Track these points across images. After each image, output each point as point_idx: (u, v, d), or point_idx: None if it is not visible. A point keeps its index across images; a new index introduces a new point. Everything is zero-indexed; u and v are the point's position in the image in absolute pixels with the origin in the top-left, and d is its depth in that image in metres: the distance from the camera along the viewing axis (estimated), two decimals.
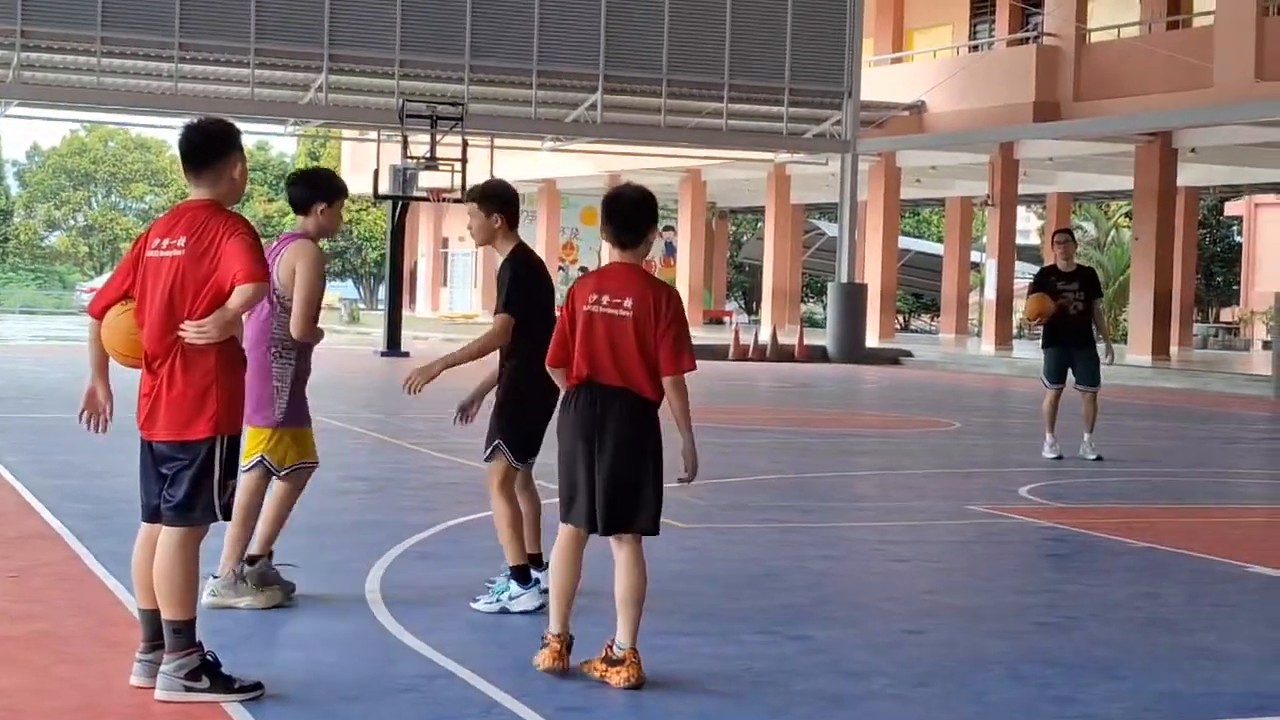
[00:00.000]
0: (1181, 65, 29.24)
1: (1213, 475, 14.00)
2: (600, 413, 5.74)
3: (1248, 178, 35.94)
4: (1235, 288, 50.48)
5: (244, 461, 6.53)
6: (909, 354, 33.15)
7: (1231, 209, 50.67)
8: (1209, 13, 30.82)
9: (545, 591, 6.57)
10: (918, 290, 52.30)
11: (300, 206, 6.98)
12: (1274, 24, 28.06)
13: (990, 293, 35.09)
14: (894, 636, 6.76)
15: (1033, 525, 10.18)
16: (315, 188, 7.01)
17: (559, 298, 6.35)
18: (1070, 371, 14.18)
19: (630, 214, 5.87)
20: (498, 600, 6.89)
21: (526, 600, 6.87)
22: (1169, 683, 6.02)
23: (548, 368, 5.93)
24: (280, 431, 6.86)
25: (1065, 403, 14.30)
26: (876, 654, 6.40)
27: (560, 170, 44.40)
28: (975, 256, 42.64)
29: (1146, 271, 31.29)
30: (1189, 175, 33.57)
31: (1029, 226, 57.43)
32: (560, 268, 49.34)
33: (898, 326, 44.55)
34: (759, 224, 52.13)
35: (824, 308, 37.60)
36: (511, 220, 7.04)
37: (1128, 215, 42.99)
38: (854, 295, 32.85)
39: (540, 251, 47.47)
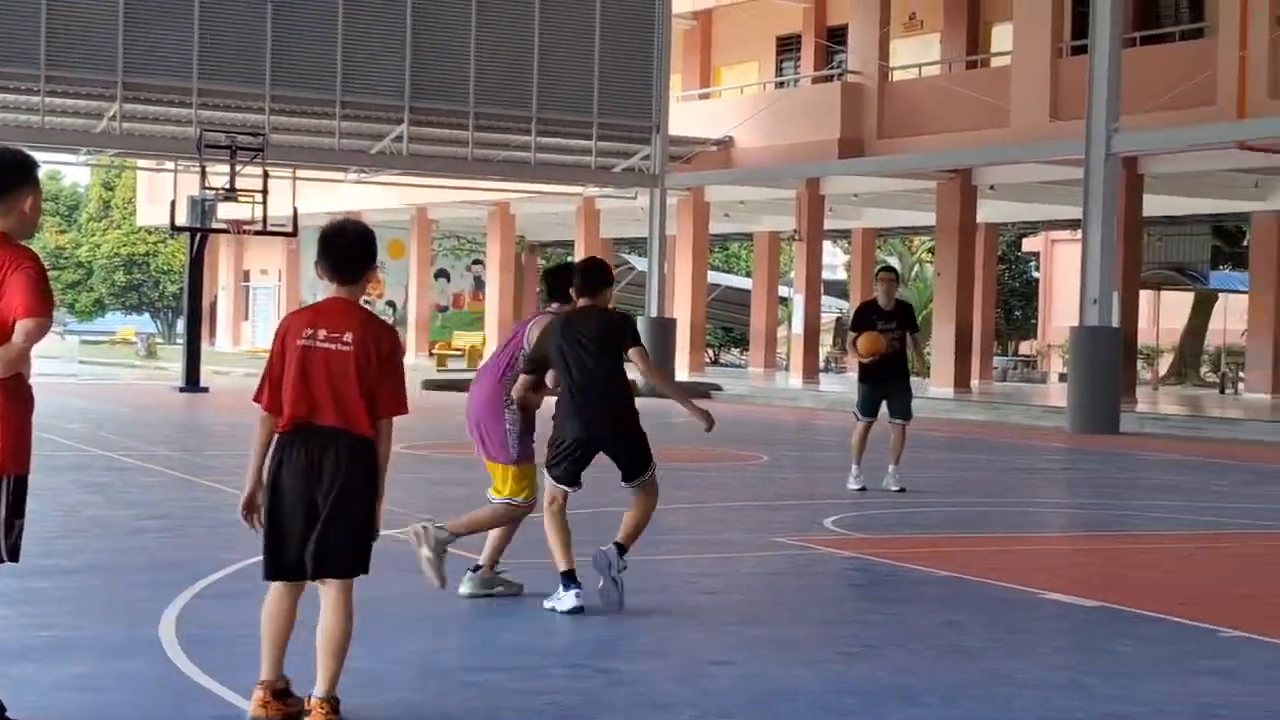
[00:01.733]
0: (980, 104, 29.95)
1: (1012, 505, 14.28)
2: (319, 456, 5.42)
3: (1044, 214, 36.89)
4: (1033, 321, 51.79)
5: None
6: (718, 387, 33.37)
7: (1029, 245, 52.01)
8: (1006, 54, 31.62)
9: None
10: (727, 324, 52.78)
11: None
12: (1068, 65, 28.87)
13: (798, 326, 35.53)
14: (701, 668, 6.75)
15: (838, 556, 10.27)
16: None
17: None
18: (885, 404, 14.39)
19: (351, 249, 5.60)
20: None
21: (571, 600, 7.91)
22: (968, 709, 6.09)
23: (263, 412, 5.54)
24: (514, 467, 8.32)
25: (873, 435, 14.49)
26: (684, 685, 6.38)
27: (365, 202, 44.02)
28: (783, 290, 43.15)
29: (948, 305, 31.93)
30: (988, 212, 34.37)
31: (835, 261, 58.32)
32: (366, 302, 48.87)
33: (707, 360, 44.88)
34: (569, 258, 52.20)
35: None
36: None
37: (930, 250, 43.89)
38: (664, 329, 33.01)
39: None
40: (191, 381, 29.29)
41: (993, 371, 39.60)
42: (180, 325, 49.55)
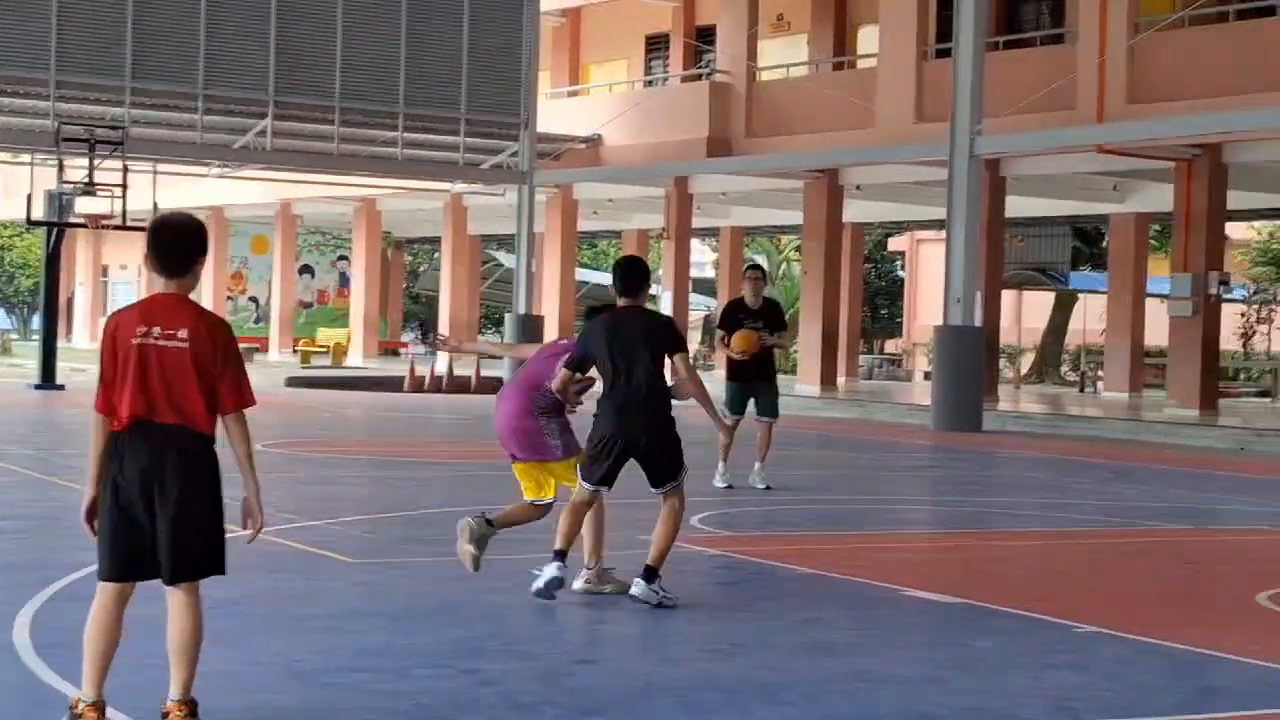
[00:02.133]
0: (847, 105, 30.21)
1: (876, 503, 14.43)
2: (159, 456, 5.29)
3: (909, 214, 37.30)
4: (899, 320, 52.37)
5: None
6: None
7: (895, 244, 52.58)
8: (873, 56, 31.92)
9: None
10: None
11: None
12: (933, 68, 29.21)
13: None
14: (565, 667, 6.74)
15: (704, 554, 10.31)
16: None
17: None
18: (752, 403, 14.44)
19: (178, 243, 5.44)
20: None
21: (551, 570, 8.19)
22: (829, 705, 6.14)
23: (96, 414, 5.40)
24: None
25: (741, 433, 14.55)
26: (548, 685, 6.36)
27: (229, 197, 43.49)
28: (651, 288, 43.27)
29: (815, 304, 32.18)
30: (855, 211, 34.68)
31: (704, 259, 58.55)
32: (229, 298, 48.30)
33: None
34: (436, 254, 51.91)
35: (502, 339, 37.63)
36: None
37: (797, 249, 44.22)
38: (532, 326, 32.93)
39: (206, 282, 46.41)
40: (47, 379, 28.73)
41: (859, 370, 39.98)
42: (36, 321, 48.59)
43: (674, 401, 8.72)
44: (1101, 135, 25.49)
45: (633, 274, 8.69)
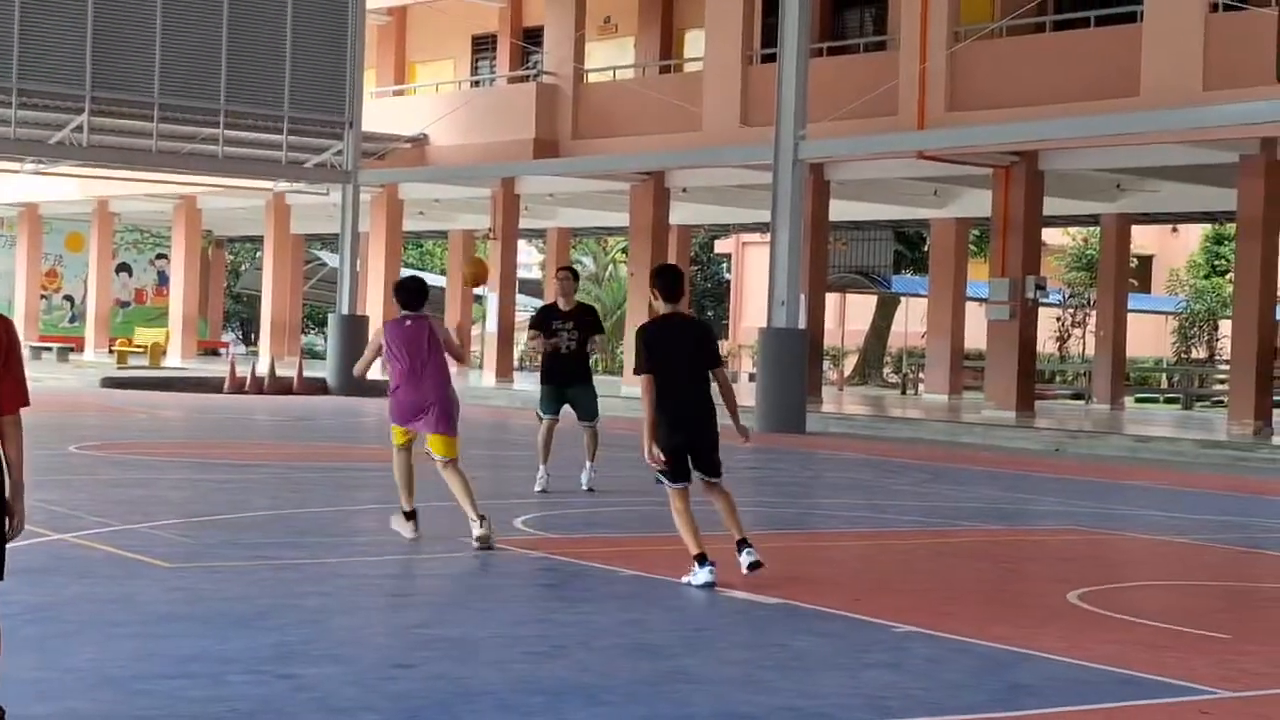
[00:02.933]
0: (674, 108, 30.37)
1: (698, 504, 14.47)
2: None
3: (735, 217, 37.60)
4: (725, 322, 52.80)
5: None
6: None
7: (721, 247, 53.03)
8: (699, 60, 32.13)
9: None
10: None
11: None
12: (758, 72, 29.48)
13: (492, 325, 35.50)
14: (385, 671, 6.67)
15: (527, 556, 10.28)
16: None
17: None
18: (572, 407, 14.42)
19: None
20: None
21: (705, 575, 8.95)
22: (649, 706, 6.15)
23: None
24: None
25: (563, 433, 14.55)
26: (366, 690, 6.29)
27: (43, 194, 42.47)
28: (477, 289, 43.09)
29: (641, 306, 32.25)
30: (681, 214, 34.88)
31: (530, 260, 58.51)
32: (43, 296, 47.17)
33: None
34: (258, 253, 51.19)
35: (325, 339, 37.23)
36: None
37: (624, 251, 44.34)
38: (355, 326, 32.63)
39: (20, 280, 45.28)
40: None
41: None
42: None
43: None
44: (922, 141, 25.93)
45: (675, 281, 9.44)
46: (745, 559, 9.28)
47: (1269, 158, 24.09)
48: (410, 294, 10.90)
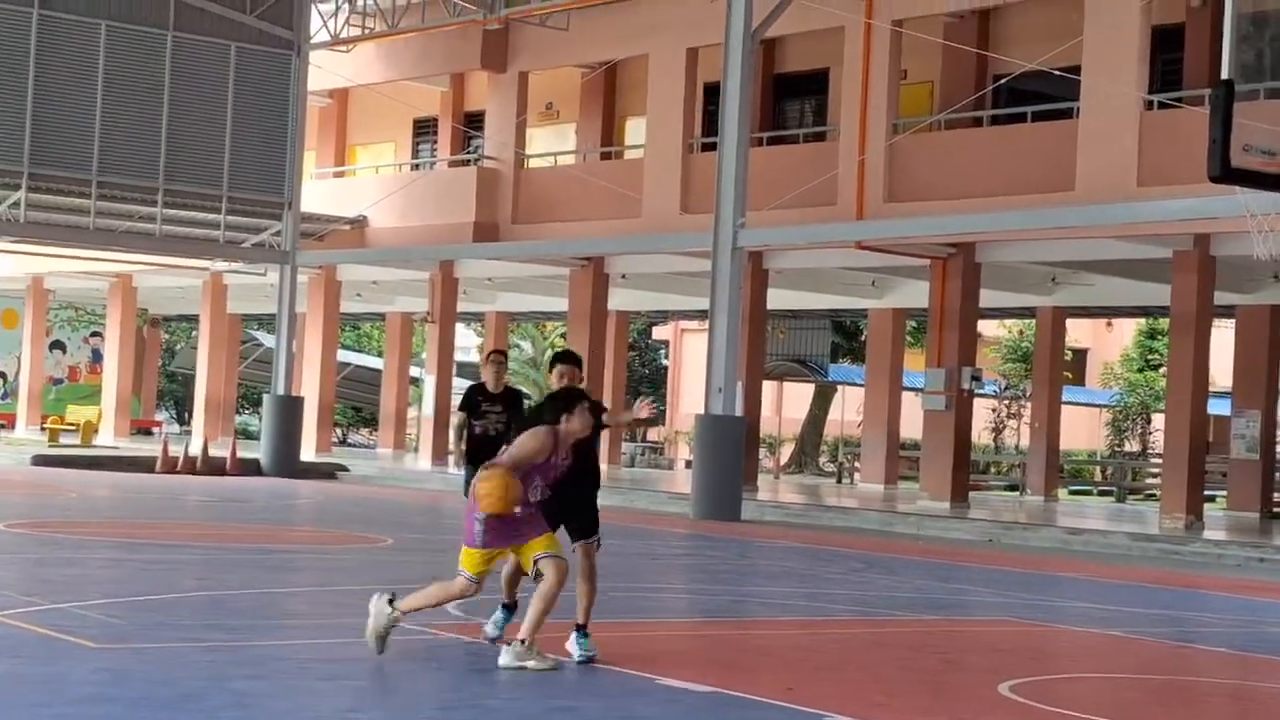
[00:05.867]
0: (614, 195, 30.49)
1: (634, 591, 14.41)
2: None
3: (673, 304, 37.68)
4: (662, 408, 52.81)
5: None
6: (345, 468, 32.93)
7: (659, 333, 53.12)
8: (640, 147, 32.31)
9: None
10: (357, 404, 52.22)
11: None
12: (698, 160, 29.66)
13: (429, 408, 35.36)
14: None
15: (460, 641, 10.18)
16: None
17: None
18: None
19: None
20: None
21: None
22: None
23: None
24: None
25: None
26: None
27: None
28: (415, 371, 42.94)
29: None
30: (620, 299, 34.93)
31: (469, 343, 58.42)
32: None
33: (336, 440, 44.27)
34: (193, 332, 50.87)
35: (260, 419, 36.97)
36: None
37: (563, 336, 44.39)
38: (290, 408, 32.43)
39: None
40: None
41: (621, 457, 40.14)
42: None
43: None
44: (861, 232, 26.11)
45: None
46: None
47: (1202, 253, 24.38)
48: None
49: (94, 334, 47.56)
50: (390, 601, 9.17)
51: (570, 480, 9.44)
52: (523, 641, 9.01)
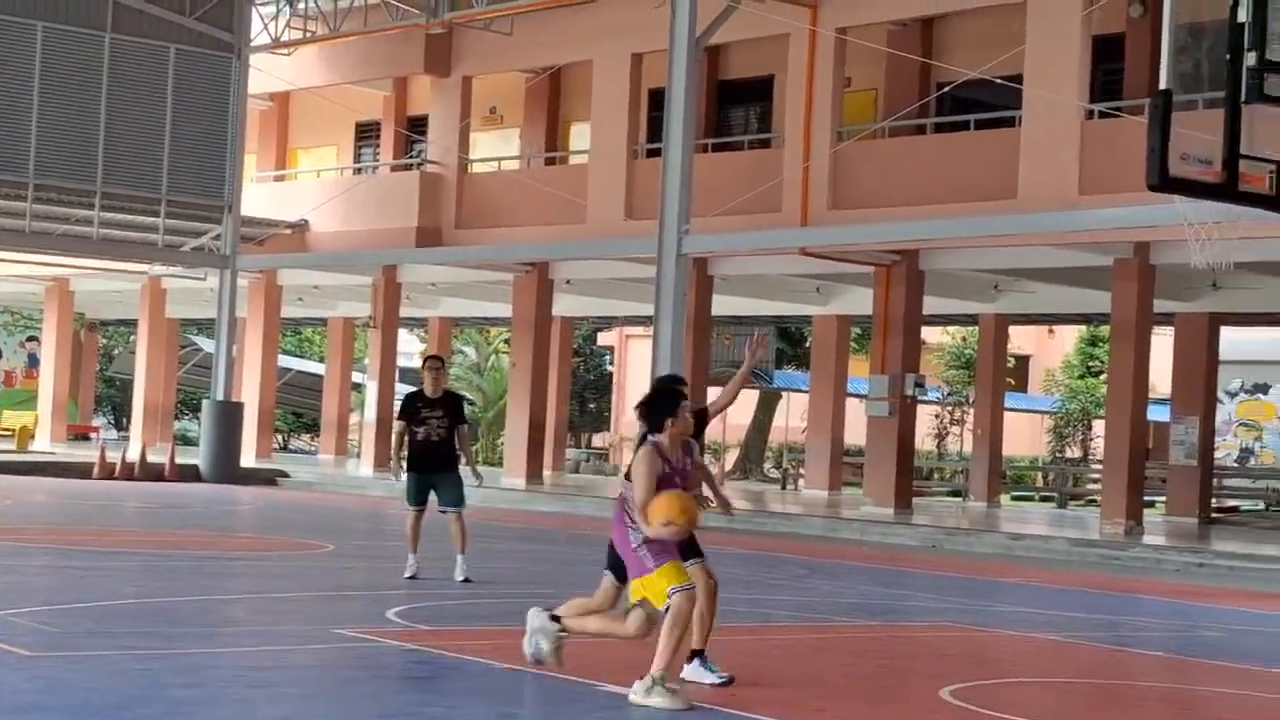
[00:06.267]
0: (558, 200, 30.41)
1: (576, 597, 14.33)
2: None
3: (618, 310, 37.63)
4: (607, 414, 52.74)
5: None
6: (286, 474, 32.72)
7: (604, 339, 53.05)
8: (584, 152, 32.25)
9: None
10: (298, 409, 51.91)
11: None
12: (643, 166, 29.62)
13: (371, 414, 35.18)
14: None
15: (399, 648, 10.09)
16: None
17: None
18: (434, 494, 14.27)
19: None
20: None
21: None
22: None
23: None
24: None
25: (432, 524, 14.37)
26: None
27: None
28: (357, 377, 42.69)
29: (522, 397, 32.17)
30: (564, 305, 34.85)
31: (412, 349, 58.19)
32: None
33: (276, 446, 43.94)
34: (131, 337, 50.44)
35: (199, 425, 36.67)
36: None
37: (506, 342, 44.29)
38: (230, 413, 32.18)
39: None
40: None
41: (565, 463, 40.05)
42: None
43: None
44: (805, 239, 26.14)
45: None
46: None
47: (1141, 261, 24.53)
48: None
49: (30, 338, 47.09)
50: (553, 618, 8.81)
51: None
52: (656, 676, 8.31)
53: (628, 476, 8.65)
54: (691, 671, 8.94)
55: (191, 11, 31.70)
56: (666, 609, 8.25)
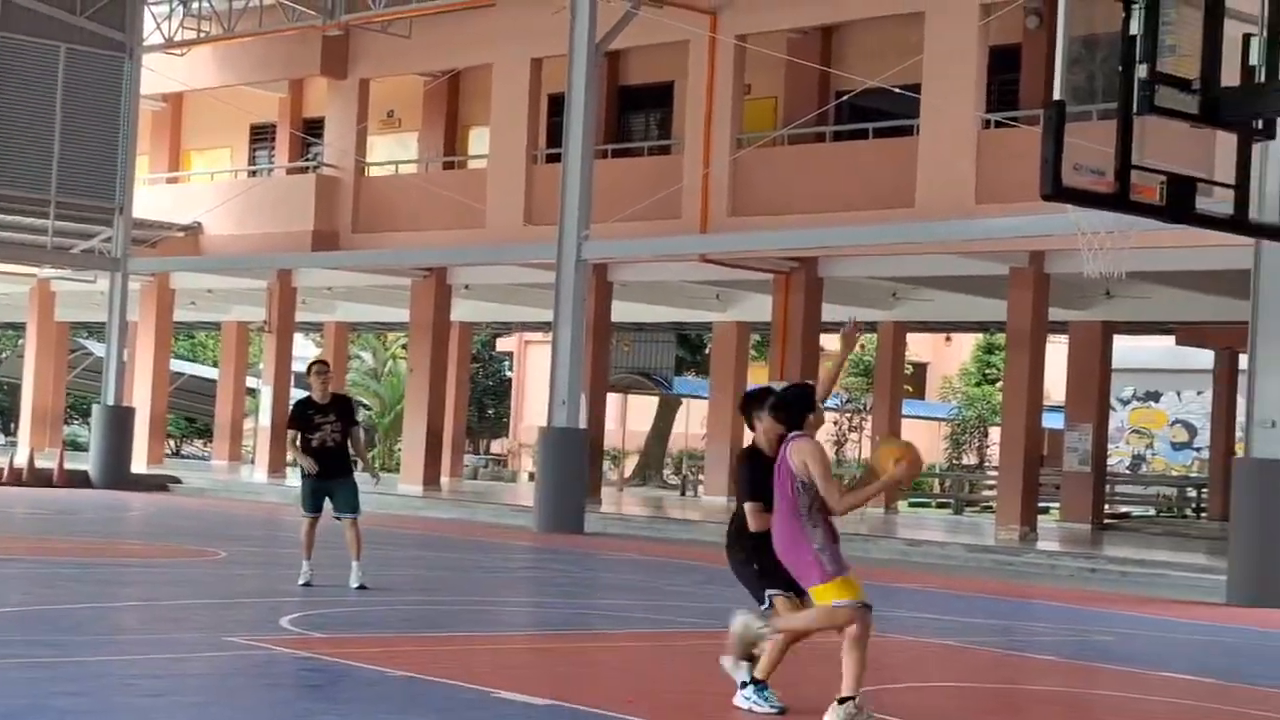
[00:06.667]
0: (457, 205, 30.24)
1: (474, 604, 14.28)
2: None
3: (517, 315, 37.50)
4: (505, 420, 52.56)
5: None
6: (178, 480, 32.30)
7: (503, 345, 52.86)
8: (483, 157, 32.11)
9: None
10: (191, 414, 51.31)
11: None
12: (542, 172, 29.53)
13: (265, 419, 34.82)
14: None
15: (291, 656, 9.95)
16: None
17: None
18: (329, 500, 14.12)
19: None
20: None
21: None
22: None
23: None
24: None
25: (327, 531, 14.22)
26: None
27: None
28: (252, 382, 42.25)
29: (420, 403, 31.97)
30: (463, 311, 34.67)
31: (307, 354, 57.70)
32: None
33: (168, 451, 43.40)
34: (19, 341, 49.62)
35: (89, 430, 36.14)
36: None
37: (404, 347, 44.02)
38: (121, 418, 31.72)
39: None
40: None
41: (464, 469, 39.85)
42: None
43: None
44: (705, 245, 26.17)
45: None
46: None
47: (1037, 270, 24.78)
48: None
49: None
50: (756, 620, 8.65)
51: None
52: (848, 699, 8.18)
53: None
54: (745, 698, 8.71)
55: (83, 10, 31.20)
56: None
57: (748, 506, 8.88)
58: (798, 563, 8.39)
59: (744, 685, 8.65)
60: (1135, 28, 8.99)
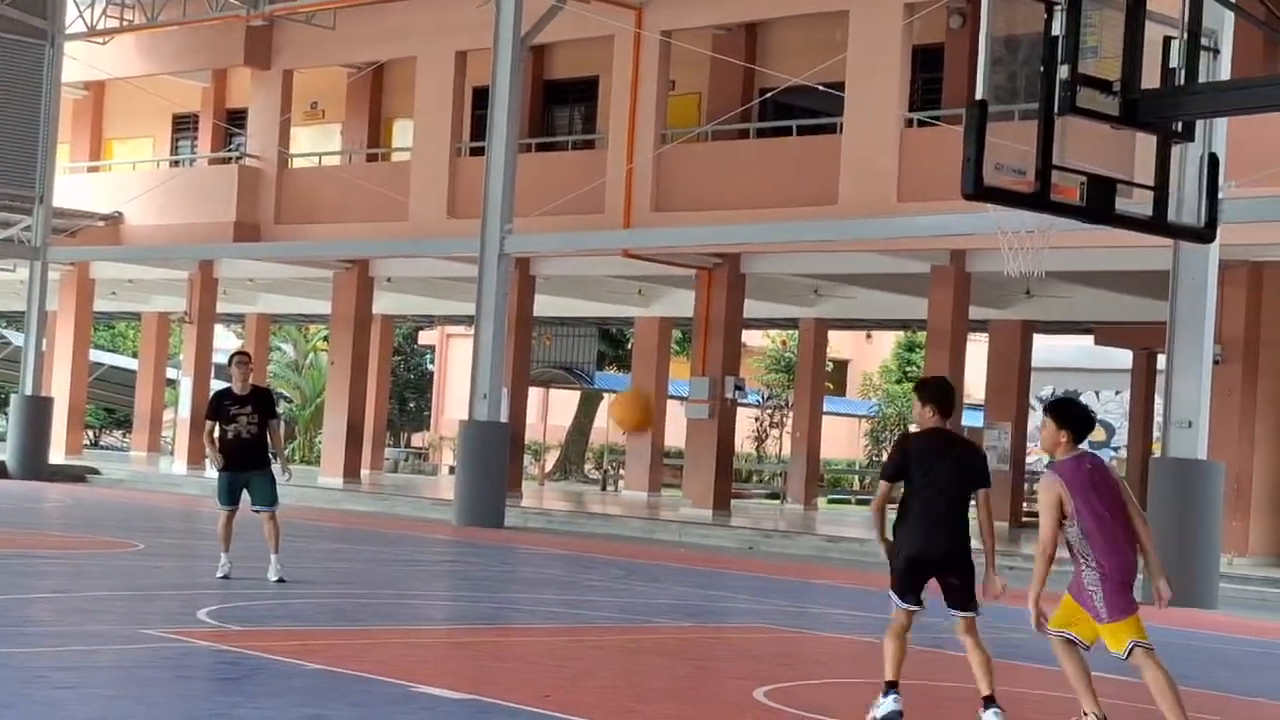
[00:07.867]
0: (380, 197, 30.09)
1: (391, 598, 14.22)
2: None
3: (440, 309, 37.40)
4: (427, 414, 52.38)
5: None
6: (96, 471, 31.99)
7: (425, 338, 52.68)
8: (407, 150, 31.98)
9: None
10: (110, 405, 50.80)
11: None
12: (466, 165, 29.45)
13: (185, 410, 34.54)
14: None
15: (208, 649, 9.88)
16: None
17: None
18: (247, 493, 14.03)
19: None
20: None
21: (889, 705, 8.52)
22: None
23: None
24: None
25: (246, 523, 14.13)
26: None
27: None
28: (172, 373, 41.88)
29: (341, 395, 31.82)
30: (385, 303, 34.54)
31: (228, 345, 57.23)
32: None
33: (87, 442, 42.96)
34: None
35: (6, 420, 35.71)
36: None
37: (326, 339, 43.79)
38: (39, 408, 31.38)
39: None
40: None
41: (384, 462, 39.68)
42: None
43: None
44: (627, 240, 26.19)
45: (950, 395, 8.75)
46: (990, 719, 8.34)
47: (958, 269, 24.96)
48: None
49: None
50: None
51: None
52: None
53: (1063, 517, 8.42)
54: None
55: None
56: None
57: None
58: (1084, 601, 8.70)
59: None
60: (1057, 29, 9.07)
